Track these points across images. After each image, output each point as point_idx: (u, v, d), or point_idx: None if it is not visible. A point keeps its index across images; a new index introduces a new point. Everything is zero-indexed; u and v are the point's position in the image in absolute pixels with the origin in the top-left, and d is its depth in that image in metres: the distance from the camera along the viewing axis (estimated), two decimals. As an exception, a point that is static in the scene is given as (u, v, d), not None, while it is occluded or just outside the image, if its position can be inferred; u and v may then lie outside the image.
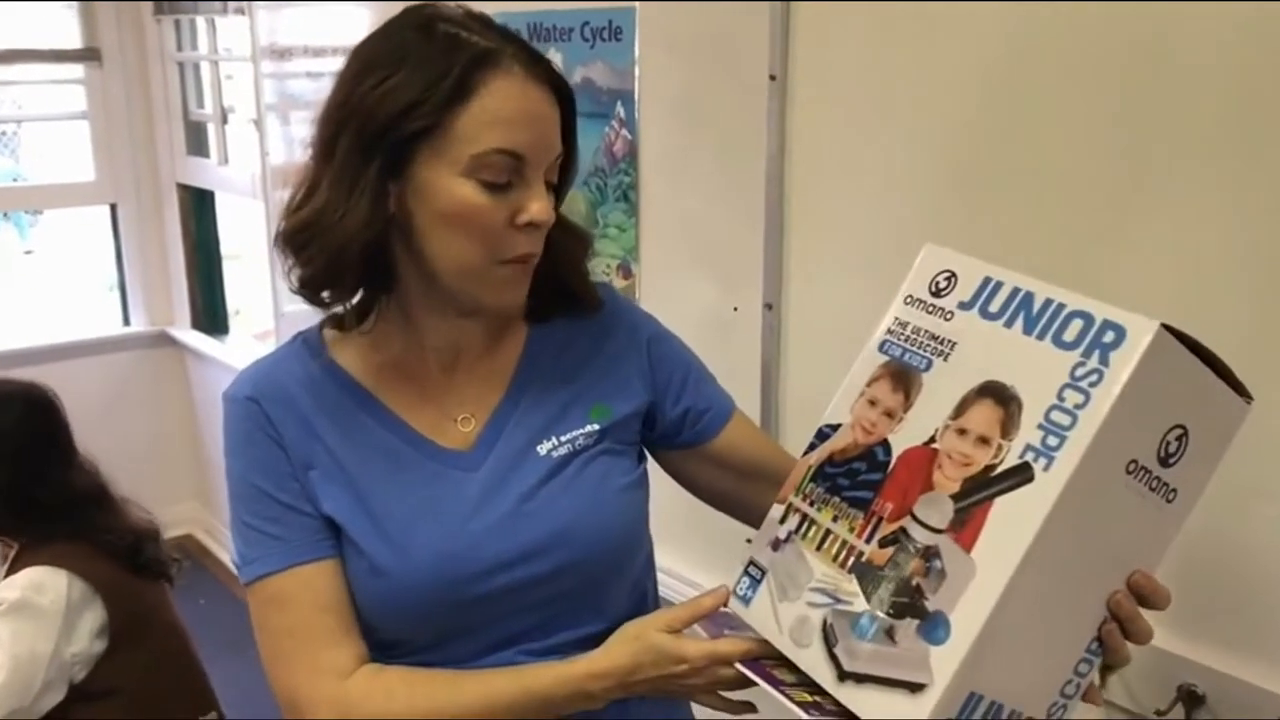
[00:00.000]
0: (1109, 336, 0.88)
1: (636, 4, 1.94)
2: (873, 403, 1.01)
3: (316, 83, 3.01)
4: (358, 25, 2.82)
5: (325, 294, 1.09)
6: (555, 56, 2.10)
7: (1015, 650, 0.88)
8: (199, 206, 4.19)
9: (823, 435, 1.04)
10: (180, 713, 1.88)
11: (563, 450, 1.14)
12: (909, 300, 1.03)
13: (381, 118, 1.02)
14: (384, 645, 1.12)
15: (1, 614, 1.71)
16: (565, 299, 1.19)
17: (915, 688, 0.87)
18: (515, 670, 1.08)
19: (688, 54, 1.88)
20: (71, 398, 2.04)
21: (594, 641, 1.09)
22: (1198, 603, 1.33)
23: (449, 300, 1.10)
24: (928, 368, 0.98)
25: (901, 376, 0.99)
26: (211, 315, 4.30)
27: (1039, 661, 0.91)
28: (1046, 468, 0.86)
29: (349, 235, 1.02)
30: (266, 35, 3.22)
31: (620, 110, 2.00)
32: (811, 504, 1.02)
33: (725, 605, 1.04)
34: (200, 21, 3.89)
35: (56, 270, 6.29)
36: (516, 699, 1.06)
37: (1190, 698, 1.32)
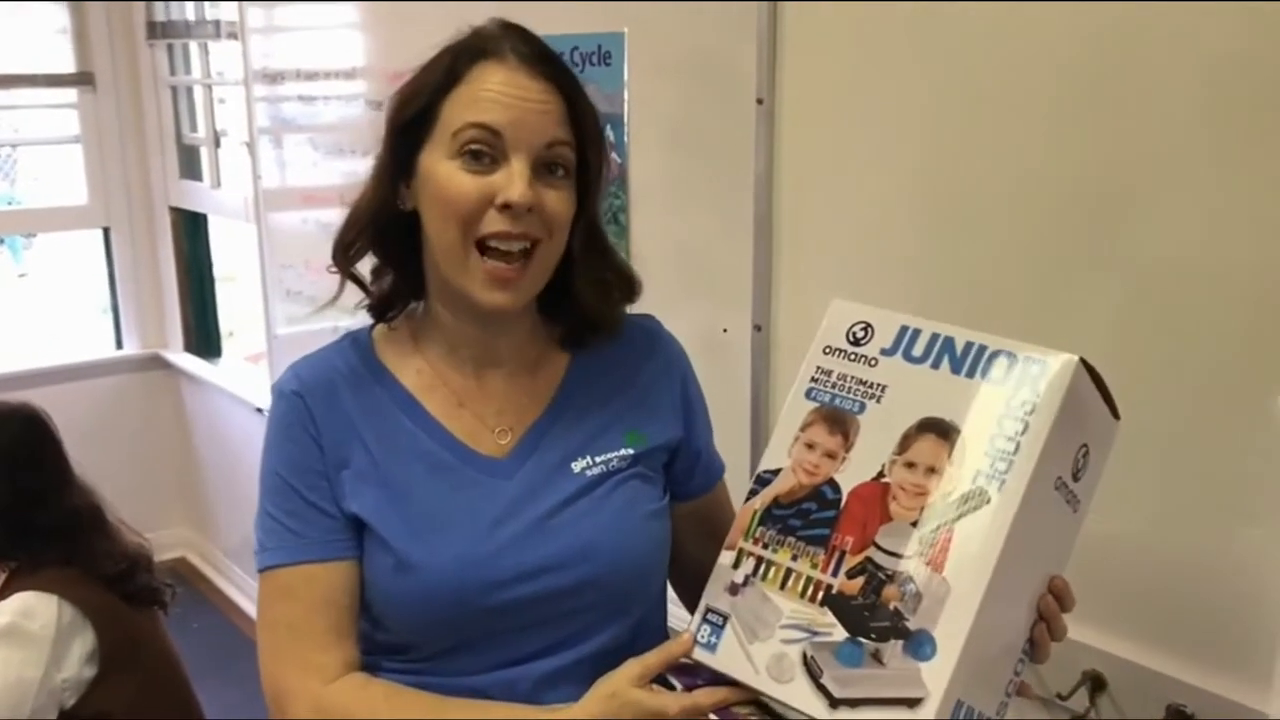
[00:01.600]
0: (1035, 370, 0.98)
1: (625, 29, 1.95)
2: (810, 446, 1.06)
3: (309, 106, 3.03)
4: (350, 49, 2.85)
5: (351, 273, 1.19)
6: (545, 81, 2.12)
7: (981, 658, 0.96)
8: (192, 230, 4.21)
9: (763, 481, 1.08)
10: (171, 739, 1.88)
11: (597, 470, 1.16)
12: (828, 350, 1.09)
13: (392, 112, 1.11)
14: (396, 649, 1.14)
15: (-9, 639, 1.71)
16: (592, 326, 1.21)
17: (913, 703, 0.93)
18: (496, 707, 1.09)
19: (676, 78, 1.90)
20: (64, 421, 2.04)
21: (601, 662, 1.10)
22: (1185, 624, 1.34)
23: (459, 297, 1.12)
24: (861, 410, 1.05)
25: (836, 420, 1.05)
26: (204, 338, 4.30)
27: (996, 664, 1.00)
28: (999, 489, 0.95)
29: (360, 218, 1.15)
30: (259, 59, 3.24)
31: (610, 134, 2.01)
32: (765, 546, 1.05)
33: (690, 651, 1.04)
34: (193, 46, 3.91)
35: (49, 294, 6.30)
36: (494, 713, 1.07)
37: (1179, 717, 1.32)
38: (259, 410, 3.59)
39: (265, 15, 3.23)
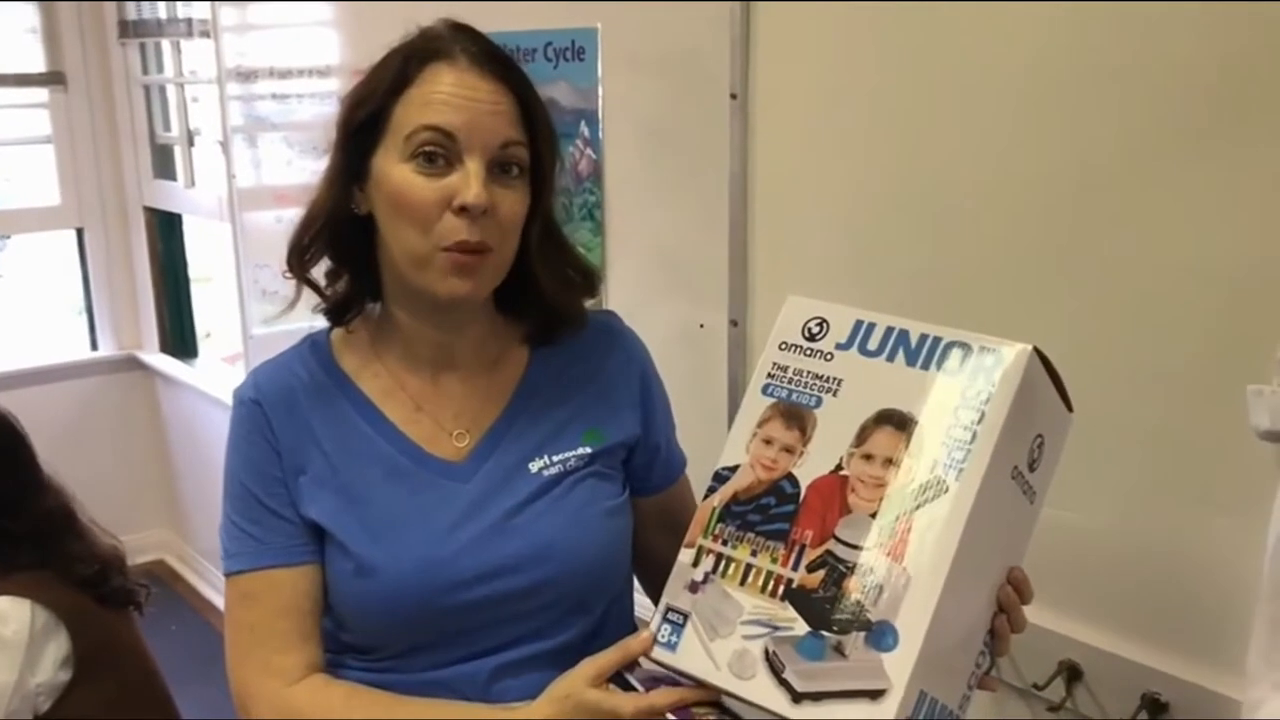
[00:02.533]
0: (989, 360, 0.99)
1: (599, 24, 1.96)
2: (768, 442, 1.05)
3: (283, 104, 3.02)
4: (324, 47, 2.84)
5: (306, 277, 1.18)
6: (519, 77, 2.12)
7: (943, 648, 0.96)
8: (166, 229, 4.19)
9: (720, 478, 1.07)
10: (147, 741, 1.87)
11: (554, 470, 1.16)
12: (783, 346, 1.09)
13: (344, 115, 1.11)
14: (360, 650, 1.15)
15: (-38, 645, 1.70)
16: (556, 322, 1.21)
17: (876, 694, 0.92)
18: (451, 706, 1.10)
19: (650, 73, 1.90)
20: (40, 423, 2.02)
21: (563, 657, 1.11)
22: (1160, 614, 1.35)
23: (416, 297, 1.12)
24: (818, 404, 1.05)
25: (793, 415, 1.05)
26: (180, 338, 4.29)
27: (957, 655, 1.00)
28: (957, 478, 0.96)
29: (312, 221, 1.15)
30: (233, 58, 3.23)
31: (584, 130, 2.01)
32: (724, 543, 1.05)
33: (650, 650, 1.03)
34: (165, 45, 3.89)
35: (23, 295, 6.24)
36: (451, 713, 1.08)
37: (1154, 705, 1.34)
38: (235, 410, 3.57)
39: (238, 13, 3.22)
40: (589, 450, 1.19)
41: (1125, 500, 1.35)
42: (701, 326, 1.87)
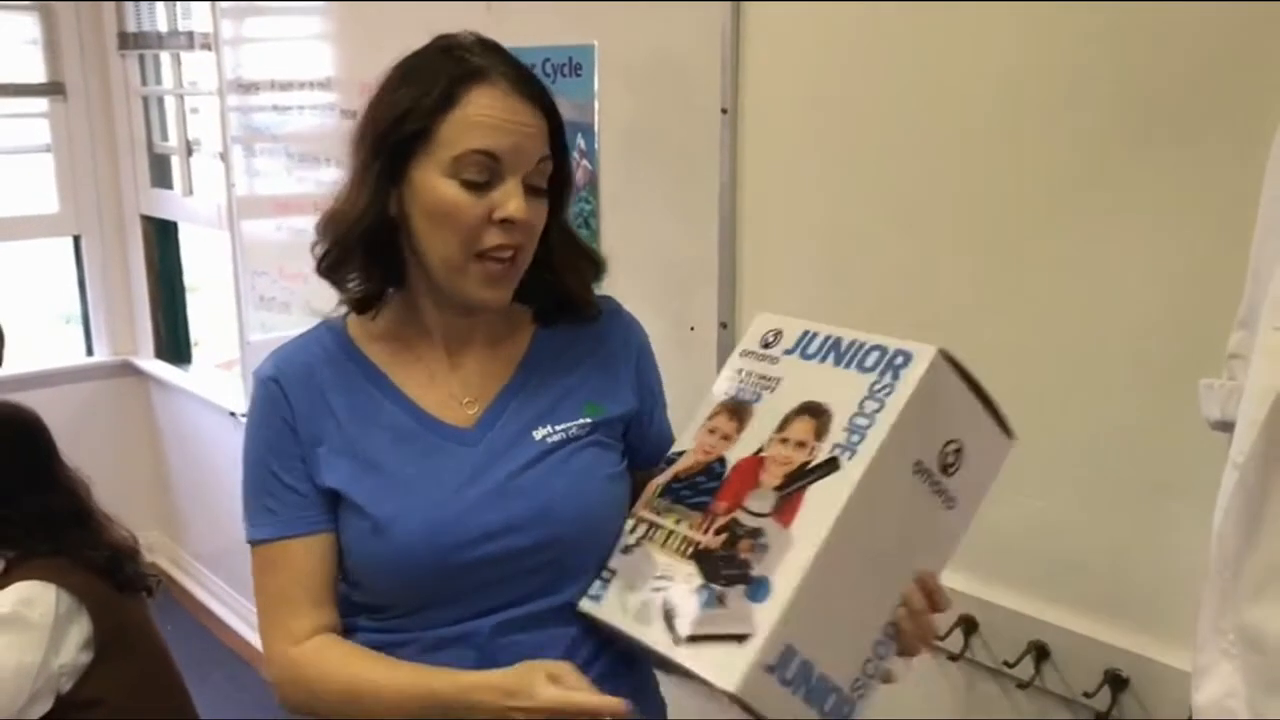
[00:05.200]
0: (899, 360, 1.08)
1: (595, 42, 2.03)
2: (712, 431, 1.19)
3: (282, 115, 3.08)
4: (322, 60, 2.91)
5: (337, 275, 1.23)
6: (518, 91, 2.19)
7: (824, 615, 1.04)
8: (162, 238, 4.24)
9: (669, 461, 1.22)
10: (163, 722, 1.94)
11: (557, 437, 1.24)
12: (744, 354, 1.23)
13: (383, 125, 1.17)
14: (371, 609, 1.23)
15: (-7, 627, 1.77)
16: (568, 308, 1.31)
17: (741, 638, 1.01)
18: (431, 670, 1.16)
19: (644, 88, 1.98)
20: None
21: (566, 612, 1.20)
22: (1120, 594, 1.43)
23: (443, 295, 1.21)
24: (757, 399, 1.17)
25: (736, 409, 1.18)
26: (174, 345, 4.33)
27: (844, 632, 1.07)
28: (850, 458, 1.05)
29: (350, 224, 1.19)
30: (232, 69, 3.30)
31: (581, 142, 2.09)
32: (657, 514, 1.18)
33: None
34: (165, 56, 3.95)
35: (10, 303, 6.25)
36: (420, 694, 1.15)
37: (1115, 681, 1.42)
38: (233, 414, 3.63)
39: (239, 26, 3.28)
40: (589, 420, 1.26)
41: (1088, 488, 1.44)
42: (692, 329, 1.94)
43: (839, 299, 1.71)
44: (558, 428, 1.24)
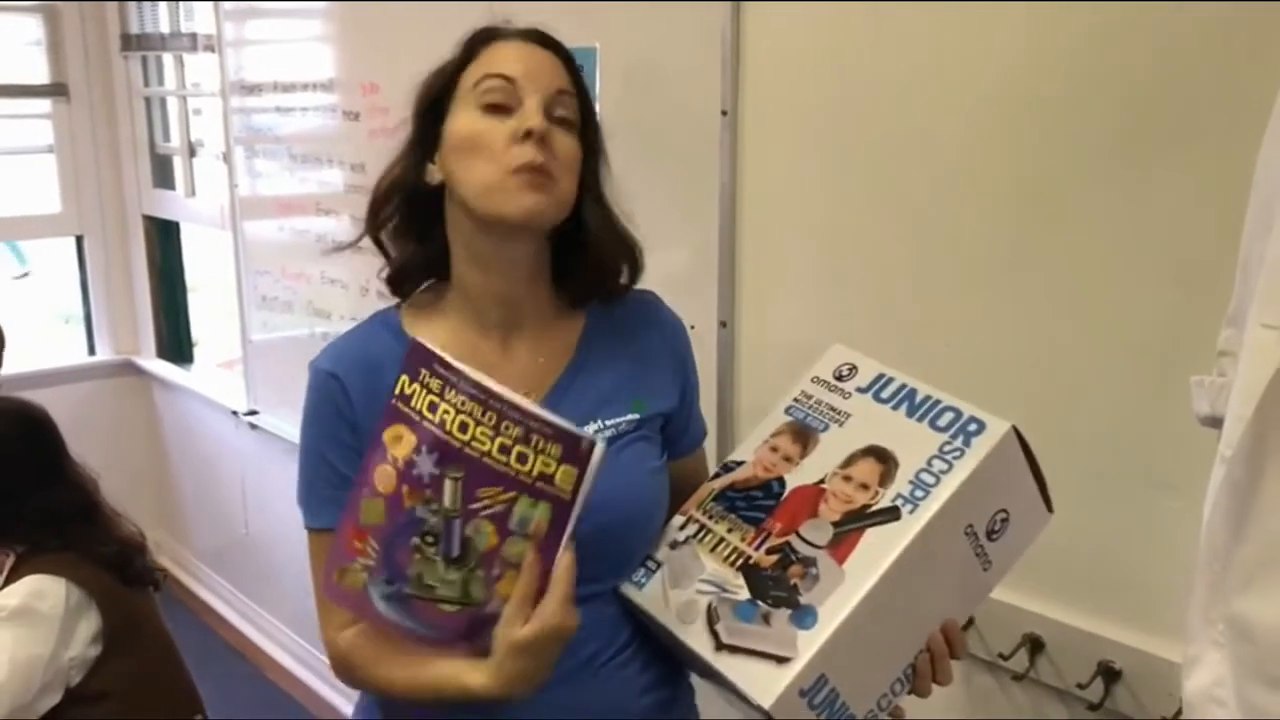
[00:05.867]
0: (972, 427, 1.13)
1: (597, 44, 2.05)
2: (774, 449, 1.23)
3: (285, 116, 3.11)
4: (324, 61, 2.93)
5: (382, 240, 1.30)
6: (520, 93, 2.21)
7: (859, 652, 1.09)
8: (164, 237, 4.26)
9: (727, 468, 1.26)
10: (169, 714, 1.96)
11: (607, 433, 1.26)
12: (815, 380, 1.26)
13: (418, 97, 1.26)
14: None
15: (3, 620, 1.79)
16: (605, 279, 1.32)
17: (781, 660, 1.07)
18: (439, 678, 1.15)
19: (645, 90, 2.00)
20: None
21: (607, 595, 1.23)
22: (1114, 588, 1.46)
23: (485, 242, 1.23)
24: (825, 429, 1.21)
25: (801, 433, 1.22)
26: (176, 344, 4.35)
27: (872, 668, 1.12)
28: (911, 511, 1.09)
29: (387, 186, 1.27)
30: (234, 71, 3.32)
31: (582, 143, 2.11)
32: (710, 518, 1.22)
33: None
34: (167, 58, 3.97)
35: (10, 302, 6.28)
36: (427, 681, 1.16)
37: (1108, 673, 1.45)
38: (235, 414, 3.65)
39: (241, 28, 3.31)
40: (636, 417, 1.28)
41: (1082, 484, 1.46)
42: (692, 327, 1.94)
43: (838, 299, 1.73)
44: (607, 423, 1.27)
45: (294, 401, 3.53)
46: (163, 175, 4.16)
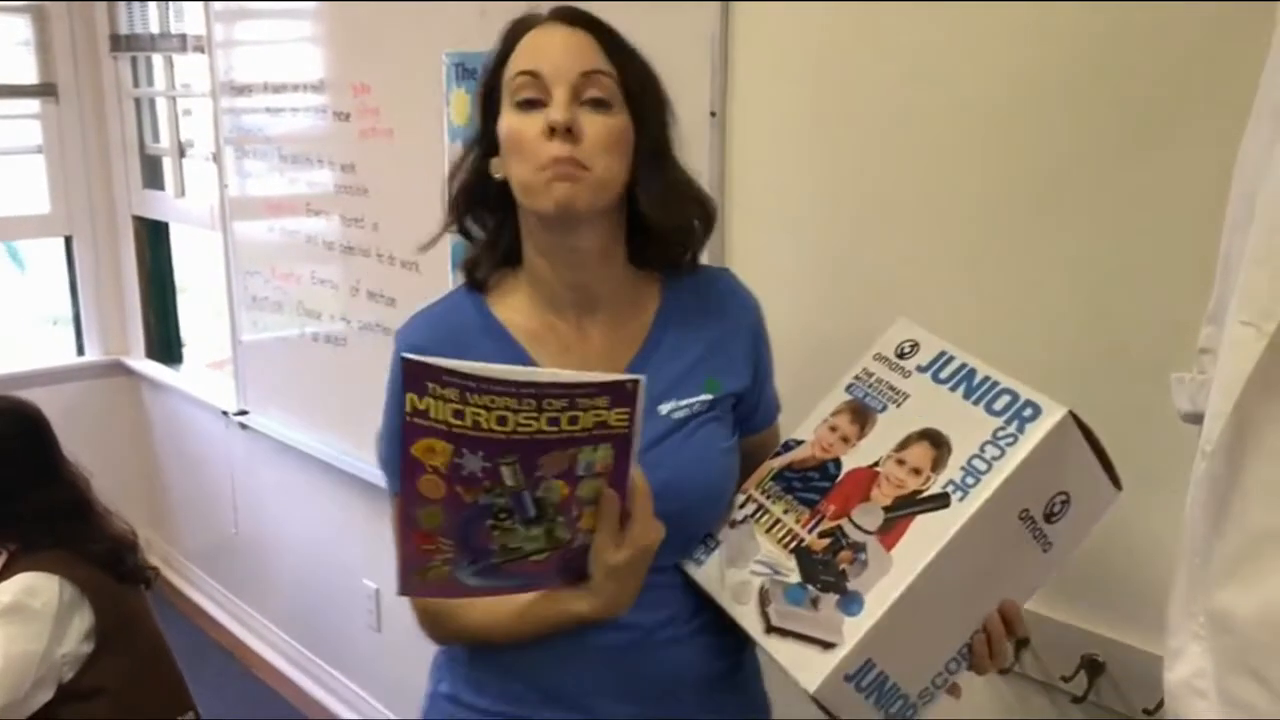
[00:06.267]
0: (1028, 412, 1.13)
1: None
2: (833, 429, 1.25)
3: (275, 117, 3.12)
4: (315, 62, 2.94)
5: (461, 229, 1.34)
6: (510, 94, 2.23)
7: (907, 635, 1.11)
8: (154, 238, 4.26)
9: (788, 447, 1.28)
10: (160, 711, 1.97)
11: (681, 413, 1.28)
12: (877, 357, 1.27)
13: (476, 95, 1.30)
14: None
15: (-3, 616, 1.80)
16: (664, 245, 1.32)
17: (827, 645, 1.10)
18: (548, 595, 1.18)
19: (635, 92, 2.01)
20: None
21: (669, 576, 1.26)
22: (1098, 584, 1.47)
23: (546, 236, 1.26)
24: (883, 410, 1.22)
25: (860, 413, 1.24)
26: (165, 345, 4.35)
27: (922, 650, 1.14)
28: (961, 499, 1.10)
29: (461, 180, 1.31)
30: (225, 71, 3.32)
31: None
32: (768, 497, 1.25)
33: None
34: (157, 58, 3.97)
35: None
36: (534, 615, 1.19)
37: (1093, 665, 1.47)
38: (225, 414, 3.65)
39: (231, 29, 3.31)
40: (709, 397, 1.31)
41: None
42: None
43: (826, 299, 1.75)
44: (681, 403, 1.29)
45: (285, 401, 3.55)
46: (152, 176, 4.16)
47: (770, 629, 1.16)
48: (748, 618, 1.19)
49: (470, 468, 1.01)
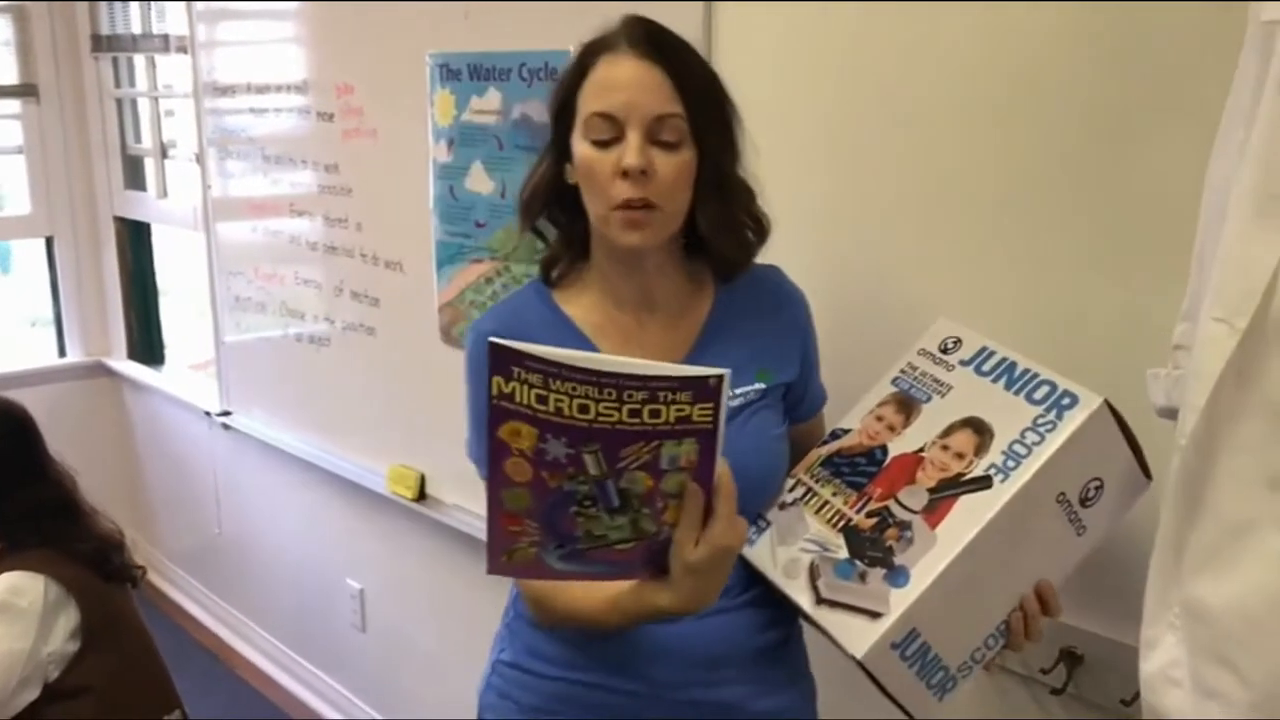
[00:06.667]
0: (1065, 400, 1.20)
1: (570, 47, 2.07)
2: (879, 419, 1.32)
3: (259, 118, 3.12)
4: (297, 63, 2.94)
5: (534, 224, 1.41)
6: (495, 95, 2.24)
7: (950, 609, 1.17)
8: (136, 239, 4.25)
9: (835, 435, 1.36)
10: (147, 710, 1.97)
11: (737, 401, 1.35)
12: (921, 352, 1.35)
13: (549, 104, 1.37)
14: None
15: (-18, 616, 1.80)
16: (728, 262, 1.39)
17: (874, 615, 1.16)
18: (631, 586, 1.20)
19: (618, 92, 2.02)
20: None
21: (742, 557, 1.31)
22: (1076, 576, 1.48)
23: (612, 247, 1.33)
24: (928, 400, 1.29)
25: (905, 403, 1.31)
26: (148, 346, 4.34)
27: (963, 624, 1.20)
28: (1003, 481, 1.17)
29: (530, 189, 1.38)
30: (207, 72, 3.32)
31: (556, 144, 2.13)
32: (817, 481, 1.32)
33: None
34: (139, 59, 3.96)
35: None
36: (618, 606, 1.21)
37: (1071, 657, 1.49)
38: (208, 414, 3.65)
39: (214, 29, 3.31)
40: (763, 386, 1.38)
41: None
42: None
43: (810, 294, 1.76)
44: (737, 392, 1.35)
45: (268, 402, 3.55)
46: (134, 177, 4.15)
47: (820, 601, 1.22)
48: (799, 591, 1.25)
49: (554, 453, 1.03)
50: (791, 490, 1.35)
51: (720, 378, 1.01)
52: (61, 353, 4.42)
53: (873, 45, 1.63)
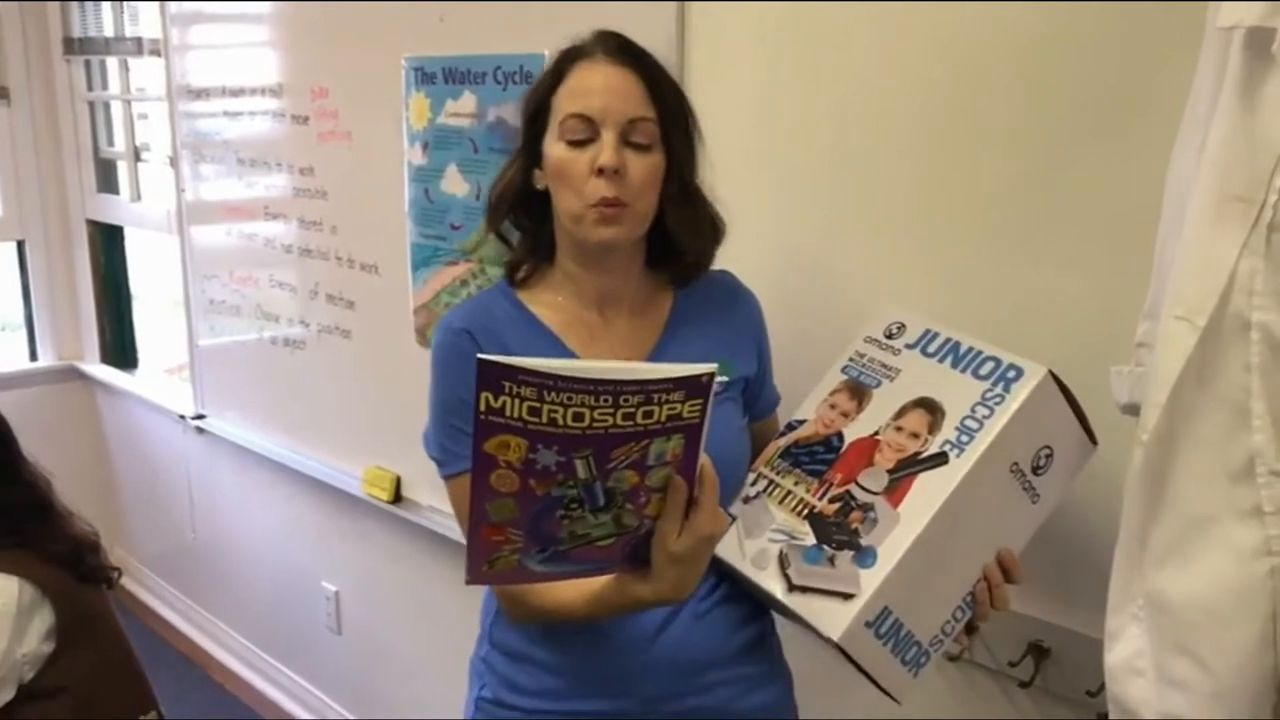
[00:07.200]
0: (1011, 374, 1.24)
1: (545, 51, 2.09)
2: (833, 407, 1.35)
3: (233, 121, 3.12)
4: (272, 66, 2.94)
5: (501, 235, 1.45)
6: (470, 98, 2.26)
7: (917, 584, 1.21)
8: (108, 242, 4.23)
9: (791, 427, 1.38)
10: (123, 711, 1.96)
11: None
12: (867, 340, 1.38)
13: (522, 109, 1.41)
14: None
15: (-44, 618, 1.79)
16: (690, 265, 1.44)
17: (846, 597, 1.19)
18: (613, 579, 1.22)
19: (592, 96, 2.04)
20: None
21: None
22: (1044, 572, 1.51)
23: (581, 248, 1.37)
24: (878, 385, 1.33)
25: (857, 390, 1.35)
26: (120, 349, 4.32)
27: (932, 598, 1.24)
28: (958, 455, 1.21)
29: (499, 191, 1.42)
30: (181, 75, 3.31)
31: (531, 147, 2.14)
32: (777, 473, 1.35)
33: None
34: (111, 62, 3.95)
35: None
36: (600, 598, 1.23)
37: (1038, 651, 1.51)
38: (182, 418, 3.64)
39: (188, 32, 3.30)
40: (725, 379, 1.41)
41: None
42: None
43: (784, 296, 1.78)
44: None
45: (243, 405, 3.54)
46: (107, 180, 4.14)
47: (792, 588, 1.24)
48: (770, 581, 1.27)
49: (544, 462, 1.03)
50: (754, 484, 1.38)
51: (711, 374, 1.03)
52: (33, 356, 4.39)
53: (848, 45, 1.65)
